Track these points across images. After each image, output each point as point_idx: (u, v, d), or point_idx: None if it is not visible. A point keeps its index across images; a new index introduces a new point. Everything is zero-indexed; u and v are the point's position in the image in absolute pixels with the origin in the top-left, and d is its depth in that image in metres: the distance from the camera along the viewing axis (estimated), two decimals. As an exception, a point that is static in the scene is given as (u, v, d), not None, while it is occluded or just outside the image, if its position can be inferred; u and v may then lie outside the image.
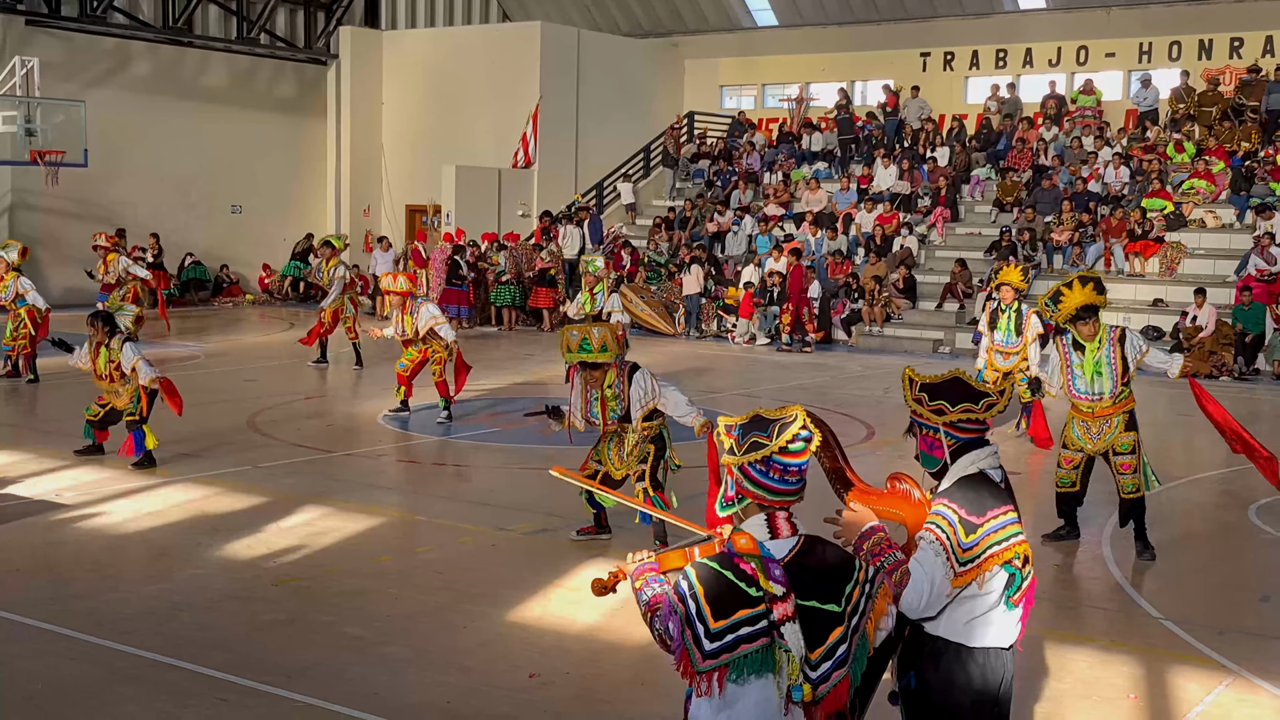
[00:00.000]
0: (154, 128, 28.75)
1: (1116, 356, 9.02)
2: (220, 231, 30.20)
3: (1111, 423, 9.10)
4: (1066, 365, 9.14)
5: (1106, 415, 9.10)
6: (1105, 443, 9.13)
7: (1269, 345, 20.01)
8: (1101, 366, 8.99)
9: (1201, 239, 23.16)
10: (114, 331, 11.48)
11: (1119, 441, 9.10)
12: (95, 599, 7.81)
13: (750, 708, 3.54)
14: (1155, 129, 26.20)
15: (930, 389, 4.36)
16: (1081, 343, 9.07)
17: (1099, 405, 9.08)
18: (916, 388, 4.39)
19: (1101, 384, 9.01)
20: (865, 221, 25.68)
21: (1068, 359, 9.15)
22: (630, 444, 9.04)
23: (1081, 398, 9.11)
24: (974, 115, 28.97)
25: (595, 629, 7.47)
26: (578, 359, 8.91)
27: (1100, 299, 8.99)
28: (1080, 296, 8.89)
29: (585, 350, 8.81)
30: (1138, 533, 9.24)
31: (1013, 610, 4.23)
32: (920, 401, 4.35)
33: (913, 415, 4.40)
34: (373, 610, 7.73)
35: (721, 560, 3.57)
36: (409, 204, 32.53)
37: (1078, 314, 8.94)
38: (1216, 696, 6.60)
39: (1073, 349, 9.13)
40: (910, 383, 4.42)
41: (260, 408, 14.96)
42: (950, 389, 4.33)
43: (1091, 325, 8.97)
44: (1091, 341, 9.01)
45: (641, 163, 31.25)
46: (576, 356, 8.89)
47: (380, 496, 10.93)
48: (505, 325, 25.69)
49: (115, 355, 11.28)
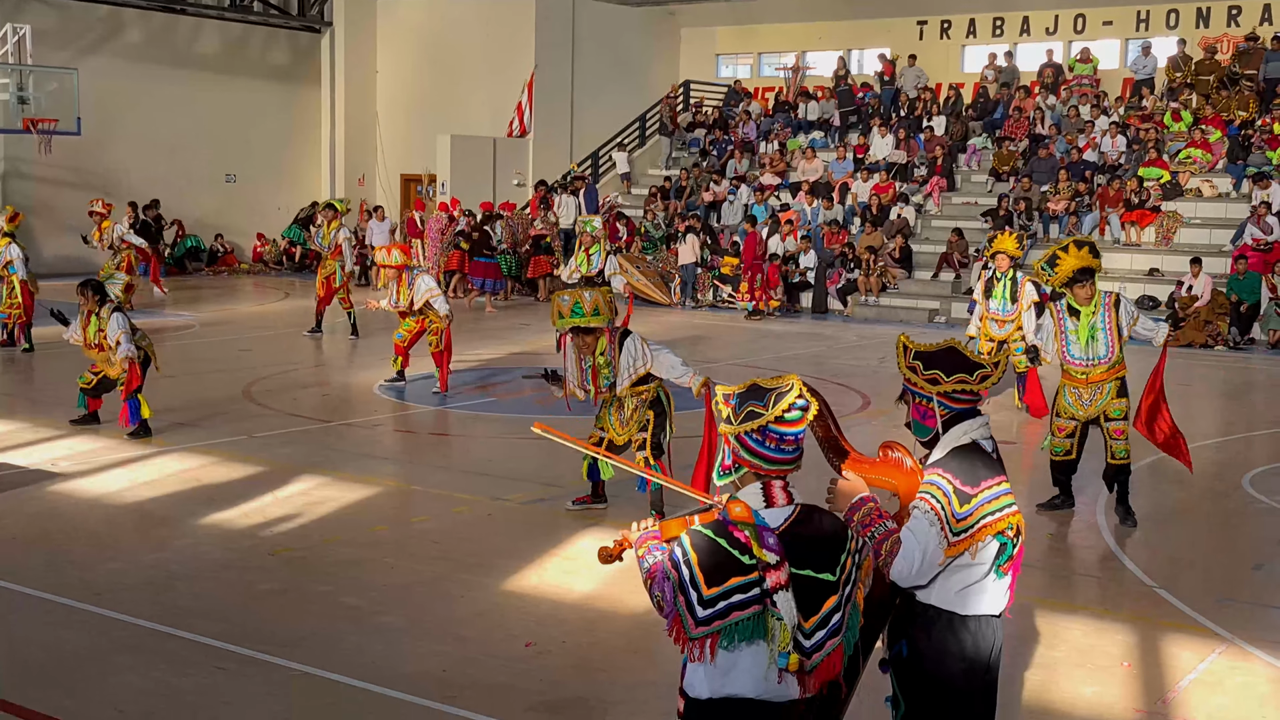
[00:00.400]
0: (147, 96, 28.64)
1: (1111, 322, 9.05)
2: (214, 200, 30.11)
3: (1104, 389, 9.13)
4: (1060, 332, 9.16)
5: (1099, 381, 9.12)
6: (1097, 409, 9.16)
7: (1264, 315, 20.02)
8: (1096, 332, 9.02)
9: (1198, 208, 23.13)
10: (104, 300, 11.46)
11: (1111, 407, 9.13)
12: (92, 568, 7.82)
13: (744, 674, 3.56)
14: (1152, 98, 26.12)
15: (925, 357, 4.34)
16: (1076, 308, 9.10)
17: (1093, 371, 9.10)
18: (911, 355, 4.37)
19: (1096, 349, 9.04)
20: (861, 191, 25.63)
21: (1062, 325, 9.17)
22: (630, 409, 9.02)
23: (1075, 364, 9.13)
24: (970, 84, 28.87)
25: (591, 598, 7.49)
26: (570, 324, 8.77)
27: (1095, 262, 9.05)
28: (1076, 260, 8.92)
29: (577, 314, 8.69)
30: (1120, 498, 9.28)
31: (1002, 578, 4.25)
32: (914, 370, 4.34)
33: (906, 383, 4.39)
34: (369, 580, 7.75)
35: (716, 528, 3.58)
36: (404, 173, 32.44)
37: (1074, 277, 8.98)
38: (1210, 664, 6.63)
39: (1067, 315, 9.15)
40: (905, 350, 4.41)
41: (256, 377, 14.95)
42: (945, 359, 4.32)
43: (1088, 288, 9.01)
44: (1087, 306, 9.05)
45: (637, 132, 31.14)
46: (569, 322, 8.75)
47: (376, 466, 10.93)
48: (501, 295, 25.64)
49: (104, 324, 11.26)
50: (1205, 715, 5.99)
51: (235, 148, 30.62)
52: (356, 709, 5.89)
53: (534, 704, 5.95)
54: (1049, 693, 6.24)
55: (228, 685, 6.10)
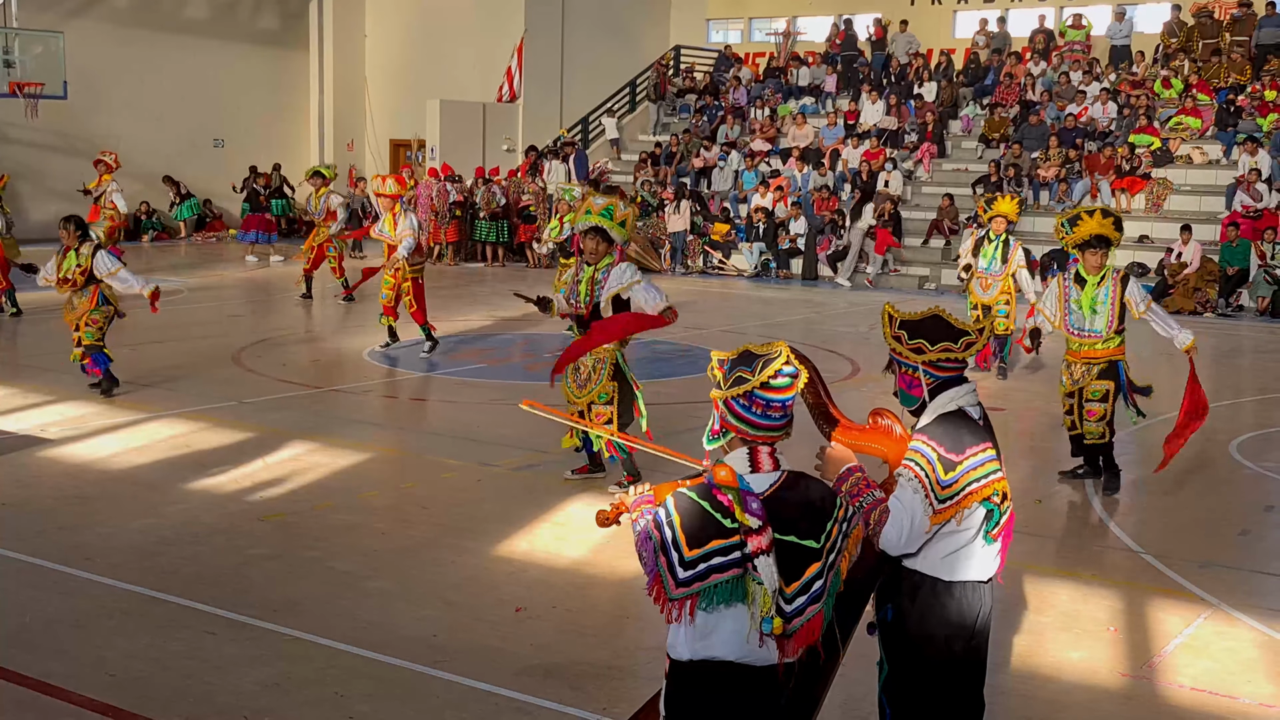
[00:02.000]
0: (135, 60, 28.43)
1: (1115, 297, 9.03)
2: (203, 165, 29.91)
3: (1093, 370, 9.14)
4: (1065, 298, 9.18)
5: (1093, 358, 9.13)
6: (1076, 385, 9.18)
7: (1253, 281, 20.06)
8: (1098, 304, 9.01)
9: (1188, 175, 23.13)
10: (85, 237, 11.44)
11: (1091, 387, 9.13)
12: (81, 533, 7.82)
13: (725, 638, 3.58)
14: (1144, 64, 26.06)
15: (909, 326, 4.34)
16: (1084, 276, 9.09)
17: (1088, 344, 9.11)
18: (896, 324, 4.37)
19: (1097, 321, 9.03)
20: (852, 158, 25.57)
21: (1066, 292, 9.19)
22: (585, 370, 8.87)
23: (1074, 334, 9.16)
24: (962, 50, 28.76)
25: (581, 563, 7.51)
26: (594, 221, 8.77)
27: (1116, 235, 9.06)
28: (1096, 225, 8.93)
29: (606, 216, 8.77)
30: (1105, 464, 9.31)
31: (992, 544, 4.27)
32: (899, 339, 4.33)
33: (891, 352, 4.39)
34: (359, 545, 7.77)
35: (700, 490, 3.60)
36: (393, 138, 32.26)
37: (1089, 241, 8.95)
38: (1195, 629, 6.68)
39: (1073, 283, 9.17)
40: (889, 319, 4.40)
41: (246, 343, 14.93)
42: (929, 327, 4.31)
43: (1099, 256, 9.00)
44: (1094, 275, 9.04)
45: (627, 98, 31.00)
46: (595, 219, 8.77)
47: (367, 432, 10.94)
48: (488, 261, 25.58)
49: (85, 261, 11.26)
50: (1190, 679, 6.04)
51: (224, 113, 30.41)
52: (347, 673, 5.91)
53: (524, 668, 5.98)
54: (1036, 657, 6.29)
55: (217, 650, 6.12)
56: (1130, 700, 5.88)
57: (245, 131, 30.89)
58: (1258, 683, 6.05)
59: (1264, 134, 22.69)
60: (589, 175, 27.02)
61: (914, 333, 4.31)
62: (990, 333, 4.39)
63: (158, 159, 28.70)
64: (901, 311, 4.42)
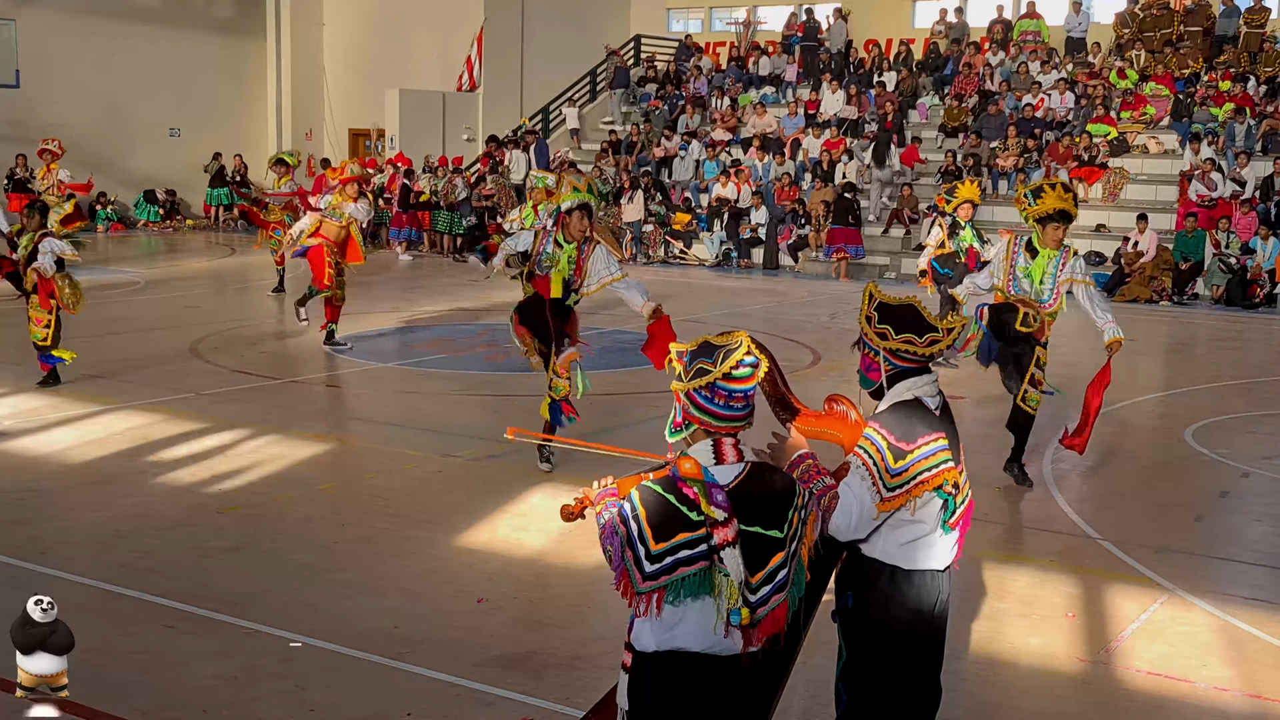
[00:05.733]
0: (88, 48, 28.08)
1: (1063, 273, 9.04)
2: (158, 155, 29.62)
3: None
4: (1011, 265, 9.12)
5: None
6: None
7: (1208, 270, 20.27)
8: (1047, 278, 9.01)
9: (1144, 165, 23.33)
10: (43, 225, 11.39)
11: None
12: (37, 526, 7.74)
13: (691, 629, 3.59)
14: (1101, 55, 26.25)
15: (883, 310, 4.33)
16: (1036, 249, 9.05)
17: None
18: (873, 304, 4.36)
19: (1043, 292, 9.02)
20: (812, 147, 25.62)
21: (1014, 258, 9.12)
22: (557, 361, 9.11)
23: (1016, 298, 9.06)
24: (921, 40, 28.86)
25: (542, 554, 7.50)
26: (582, 199, 8.92)
27: (1075, 211, 9.09)
28: (1057, 200, 8.89)
29: (593, 193, 9.06)
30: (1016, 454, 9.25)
31: (950, 533, 4.29)
32: (870, 320, 4.34)
33: (861, 331, 4.40)
34: (319, 537, 7.73)
35: (665, 484, 3.59)
36: (352, 128, 32.06)
37: (1052, 215, 8.92)
38: (1151, 614, 6.75)
39: (1024, 251, 9.11)
40: (870, 298, 4.40)
41: (203, 334, 14.80)
42: (900, 315, 4.30)
43: (1060, 232, 8.99)
44: (1049, 250, 8.99)
45: (588, 87, 30.93)
46: (582, 197, 8.93)
47: (326, 424, 10.88)
48: (443, 251, 25.39)
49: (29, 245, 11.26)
50: (1147, 664, 6.10)
51: (179, 102, 30.10)
52: (307, 666, 5.88)
53: (485, 659, 5.96)
54: (995, 643, 6.34)
55: (176, 643, 6.07)
56: (1088, 685, 5.93)
57: (201, 121, 30.57)
58: (1213, 666, 6.12)
59: (1219, 124, 22.91)
60: (550, 164, 26.92)
61: (884, 317, 4.31)
62: (959, 333, 4.39)
63: (111, 148, 28.38)
64: (884, 293, 4.41)
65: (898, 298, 4.38)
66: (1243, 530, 8.57)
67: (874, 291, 4.40)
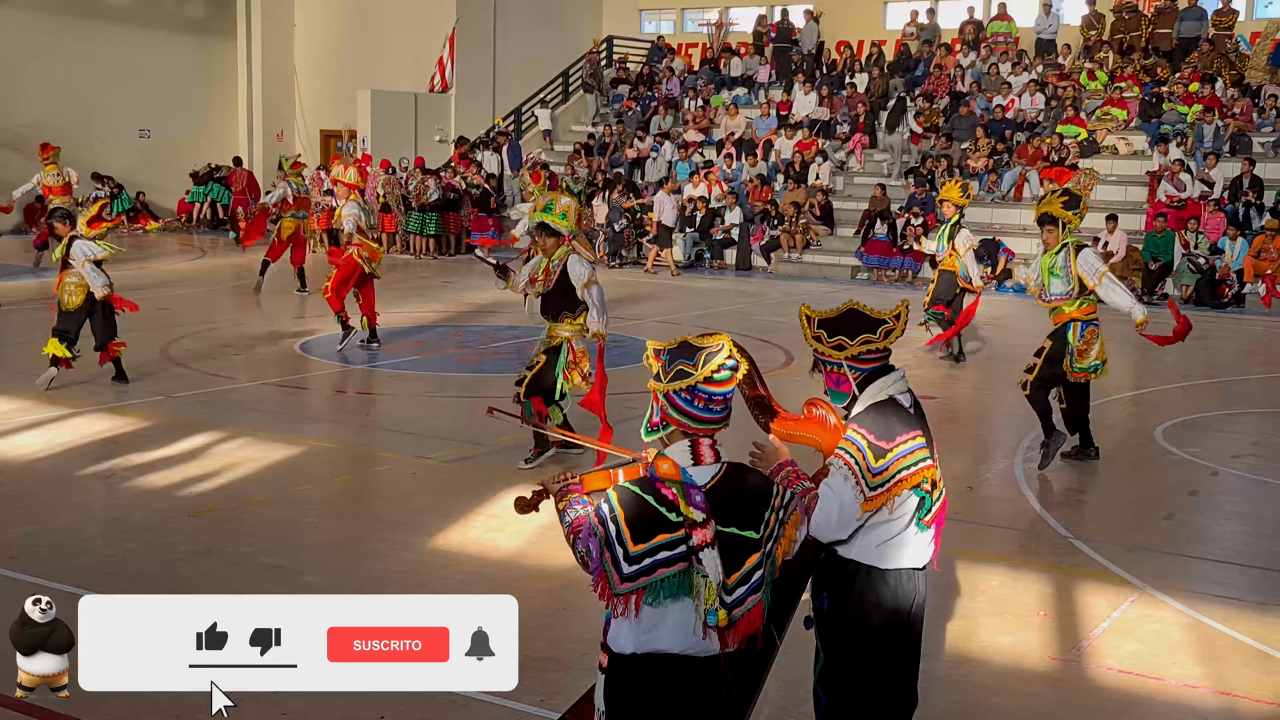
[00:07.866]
0: (58, 48, 27.84)
1: (1071, 265, 9.44)
2: (128, 156, 29.40)
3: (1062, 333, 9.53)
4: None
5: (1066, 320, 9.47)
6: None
7: (1177, 270, 20.41)
8: (1057, 269, 9.50)
9: (1114, 165, 23.47)
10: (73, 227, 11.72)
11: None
12: (5, 531, 7.68)
13: (670, 630, 3.59)
14: (1071, 56, 26.41)
15: (828, 324, 4.34)
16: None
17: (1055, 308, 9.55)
18: (815, 325, 4.37)
19: (1056, 285, 9.52)
20: (785, 148, 25.67)
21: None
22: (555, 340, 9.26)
23: (1043, 301, 9.70)
24: (893, 41, 28.96)
25: (516, 555, 7.50)
26: (540, 219, 9.17)
27: (1063, 213, 9.54)
28: (1044, 204, 9.68)
29: (548, 213, 9.15)
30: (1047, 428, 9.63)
31: (925, 532, 4.30)
32: (820, 339, 4.35)
33: (815, 353, 4.40)
34: (292, 540, 7.70)
35: (643, 484, 3.59)
36: (323, 129, 31.93)
37: (1039, 219, 9.69)
38: (1122, 612, 6.80)
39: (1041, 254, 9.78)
40: (808, 320, 4.41)
41: (174, 337, 14.71)
42: (848, 321, 4.31)
43: (1048, 233, 9.59)
44: (1050, 248, 9.57)
45: (560, 88, 30.90)
46: (539, 216, 9.18)
47: (298, 426, 10.83)
48: (415, 253, 25.26)
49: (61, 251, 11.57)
50: (1118, 662, 6.14)
51: (149, 102, 29.86)
52: (281, 669, 5.84)
53: (460, 661, 5.94)
54: (968, 643, 6.37)
55: (149, 648, 6.03)
56: (1060, 683, 5.97)
57: (172, 121, 30.36)
58: (1184, 664, 6.16)
59: (1188, 124, 23.08)
60: (523, 166, 26.90)
61: (833, 330, 4.32)
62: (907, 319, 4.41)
63: (82, 149, 28.13)
64: (817, 310, 4.43)
65: (831, 309, 4.39)
66: (1212, 528, 8.64)
67: (809, 312, 4.43)
